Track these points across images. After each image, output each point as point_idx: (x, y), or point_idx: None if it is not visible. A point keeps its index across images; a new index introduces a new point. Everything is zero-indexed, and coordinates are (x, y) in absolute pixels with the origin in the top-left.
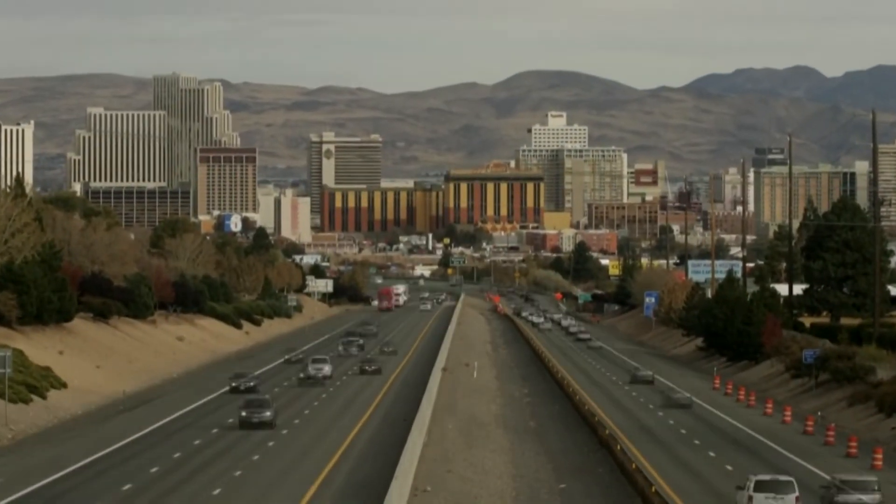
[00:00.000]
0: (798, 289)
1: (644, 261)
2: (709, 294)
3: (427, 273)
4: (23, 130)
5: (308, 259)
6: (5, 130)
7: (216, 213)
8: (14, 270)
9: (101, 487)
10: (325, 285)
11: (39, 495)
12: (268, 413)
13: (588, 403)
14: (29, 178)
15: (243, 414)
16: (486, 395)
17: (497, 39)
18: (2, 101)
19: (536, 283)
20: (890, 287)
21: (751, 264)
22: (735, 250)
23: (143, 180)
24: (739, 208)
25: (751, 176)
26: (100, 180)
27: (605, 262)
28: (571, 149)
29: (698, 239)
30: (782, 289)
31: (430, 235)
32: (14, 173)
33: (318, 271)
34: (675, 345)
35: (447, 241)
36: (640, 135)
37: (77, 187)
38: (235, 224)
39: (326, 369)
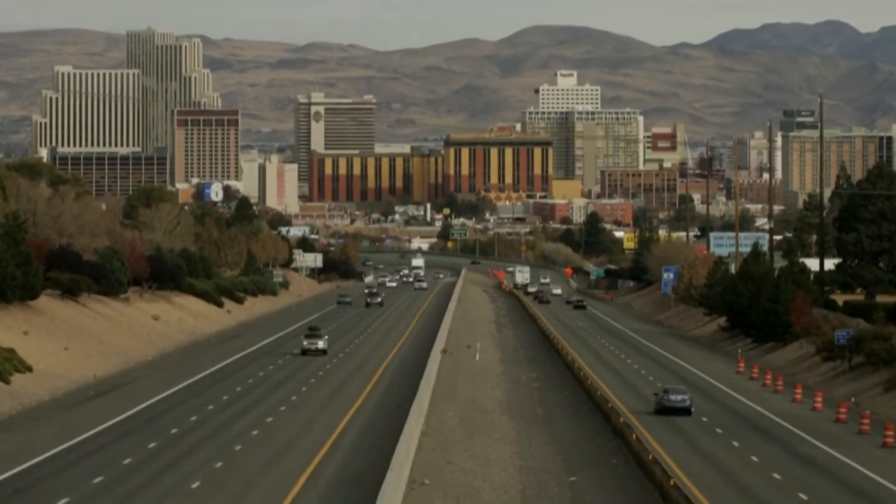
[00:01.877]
0: (830, 263)
1: (662, 233)
2: (732, 269)
3: (425, 246)
4: None
5: (295, 231)
6: None
7: (195, 180)
8: None
9: (70, 480)
10: (314, 260)
11: (2, 488)
12: None
13: (601, 388)
14: None
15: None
16: (489, 380)
17: None
18: None
19: (544, 257)
20: None
21: (778, 237)
22: (761, 221)
23: (116, 145)
24: (766, 176)
25: (778, 140)
26: (68, 145)
27: (619, 234)
28: (582, 111)
29: (721, 209)
30: (813, 263)
31: (429, 205)
32: None
33: (306, 244)
34: (696, 325)
35: (447, 211)
36: (658, 95)
37: (43, 153)
38: (216, 193)
39: None
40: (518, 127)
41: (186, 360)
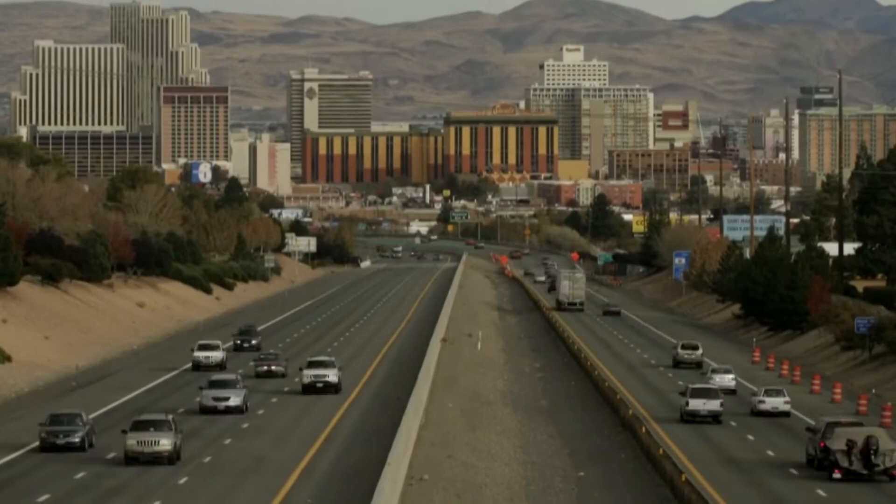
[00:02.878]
0: (849, 248)
1: (673, 216)
2: (747, 254)
3: (424, 230)
4: None
5: (288, 214)
6: None
7: (182, 161)
8: None
9: (52, 475)
10: (308, 244)
11: None
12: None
13: (609, 379)
14: None
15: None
16: (491, 370)
17: None
18: None
19: (549, 241)
20: None
21: (795, 220)
22: (777, 204)
23: (99, 124)
24: (782, 156)
25: (795, 119)
26: (49, 124)
27: (628, 217)
28: (589, 88)
29: (735, 191)
30: (831, 248)
31: (428, 187)
32: None
33: (299, 228)
34: (709, 312)
35: (447, 193)
36: (669, 72)
37: (23, 132)
38: (204, 174)
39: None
40: (522, 104)
41: (173, 349)
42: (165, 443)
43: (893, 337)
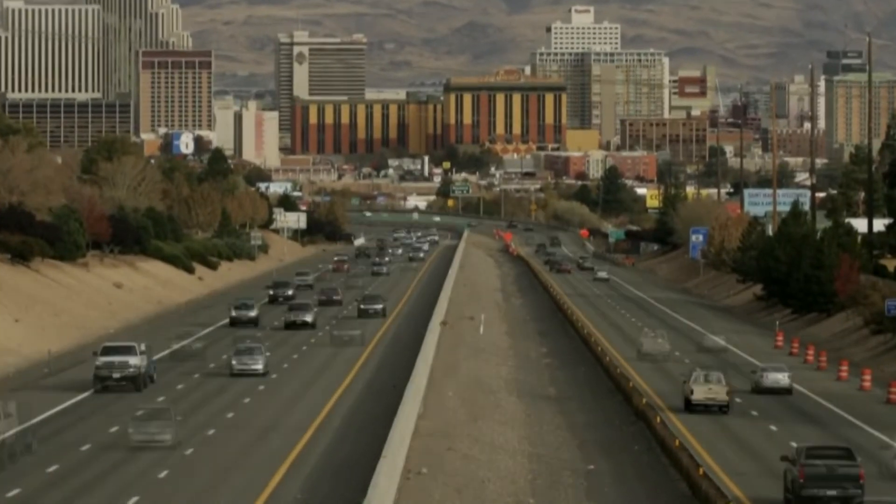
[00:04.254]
0: (879, 224)
1: (690, 190)
2: (769, 231)
3: (422, 205)
4: None
5: (276, 188)
6: None
7: (163, 130)
8: None
9: (23, 469)
10: (297, 220)
11: None
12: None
13: (621, 365)
14: None
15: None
16: (494, 356)
17: None
18: None
19: (557, 216)
20: None
21: (821, 194)
22: (802, 177)
23: (73, 91)
24: (807, 125)
25: (821, 85)
26: (19, 91)
27: (641, 191)
28: (600, 52)
29: (757, 163)
30: (860, 224)
31: (427, 158)
32: None
33: (288, 203)
34: (728, 293)
35: (447, 165)
36: (686, 35)
37: None
38: (186, 144)
39: None
40: (527, 70)
41: (153, 332)
42: None
43: None
